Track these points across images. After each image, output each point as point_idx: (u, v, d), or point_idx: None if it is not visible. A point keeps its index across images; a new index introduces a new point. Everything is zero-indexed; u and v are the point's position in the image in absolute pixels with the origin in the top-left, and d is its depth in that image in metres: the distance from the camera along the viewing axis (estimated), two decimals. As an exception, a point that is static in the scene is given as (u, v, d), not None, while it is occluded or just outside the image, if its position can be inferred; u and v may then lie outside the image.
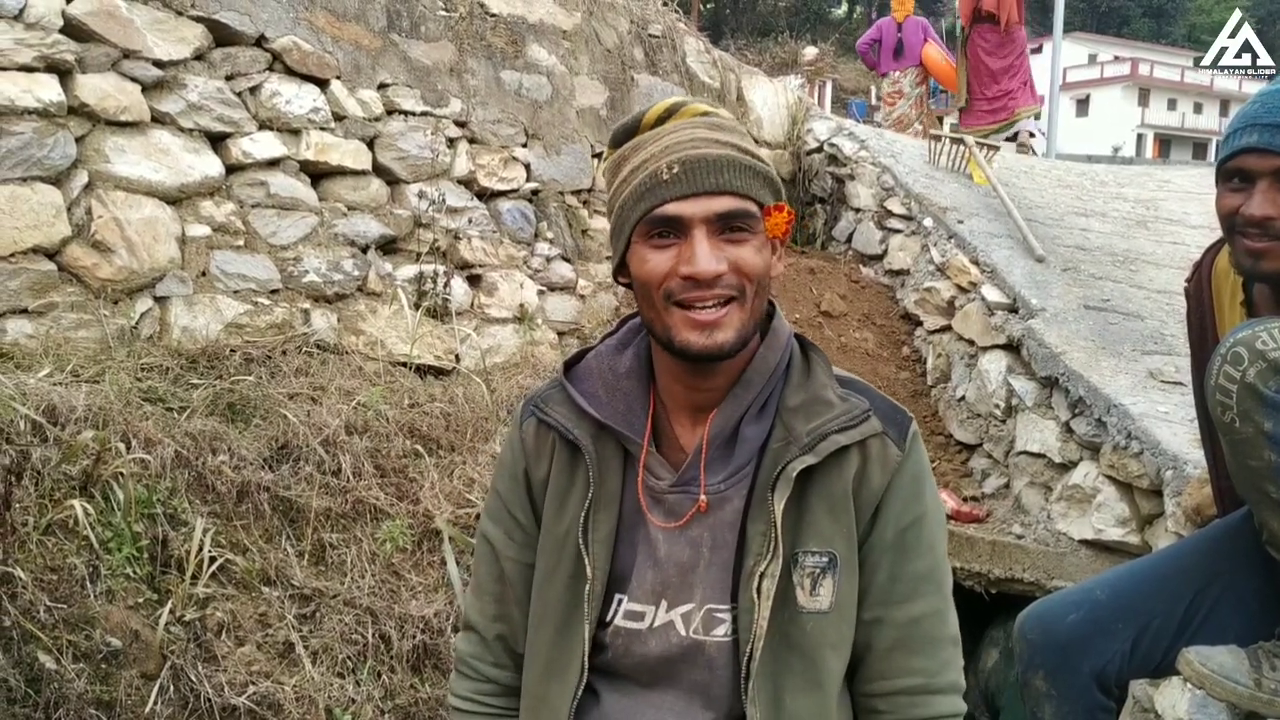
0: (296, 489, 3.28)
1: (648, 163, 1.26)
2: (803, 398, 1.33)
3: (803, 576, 1.29)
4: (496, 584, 1.46)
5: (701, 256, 1.21)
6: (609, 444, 1.35)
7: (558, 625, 1.36)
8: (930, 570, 1.34)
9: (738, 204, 1.24)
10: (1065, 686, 2.12)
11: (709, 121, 1.29)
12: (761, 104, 7.38)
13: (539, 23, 5.38)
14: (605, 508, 1.34)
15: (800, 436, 1.29)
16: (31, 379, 3.09)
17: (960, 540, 4.31)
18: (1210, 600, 2.05)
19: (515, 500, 1.43)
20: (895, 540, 1.32)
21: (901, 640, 1.33)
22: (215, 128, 3.97)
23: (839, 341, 5.56)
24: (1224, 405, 1.75)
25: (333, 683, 2.90)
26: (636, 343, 1.41)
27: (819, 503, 1.30)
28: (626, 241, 1.28)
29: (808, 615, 1.29)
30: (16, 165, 3.38)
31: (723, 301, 1.24)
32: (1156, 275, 5.50)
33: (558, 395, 1.40)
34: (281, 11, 4.20)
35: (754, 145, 1.31)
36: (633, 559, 1.35)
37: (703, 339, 1.23)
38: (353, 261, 4.35)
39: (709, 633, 1.32)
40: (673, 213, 1.23)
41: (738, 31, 29.25)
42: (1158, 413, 3.79)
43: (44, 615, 2.52)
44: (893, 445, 1.33)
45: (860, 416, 1.31)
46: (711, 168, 1.23)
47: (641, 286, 1.28)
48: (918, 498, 1.34)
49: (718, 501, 1.32)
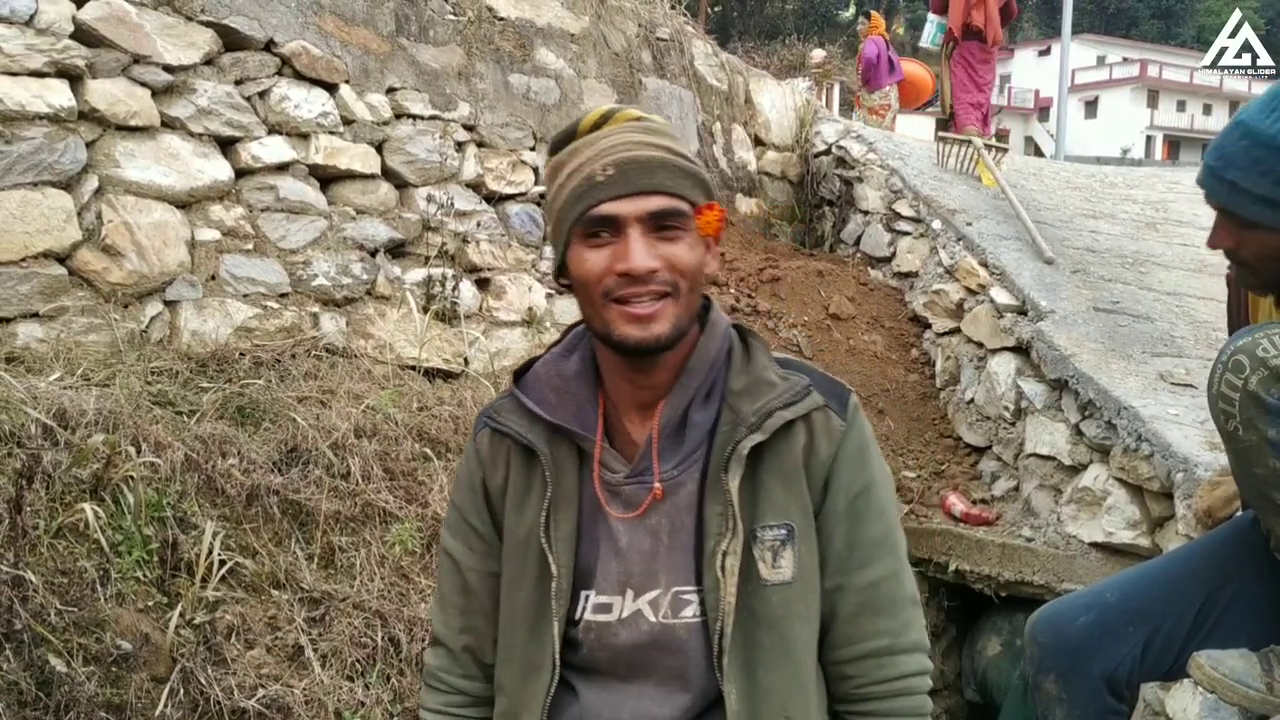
0: (306, 492, 3.29)
1: (583, 166, 1.30)
2: (746, 381, 1.38)
3: (763, 550, 1.33)
4: (460, 596, 1.48)
5: (636, 253, 1.26)
6: (563, 445, 1.39)
7: (529, 627, 1.39)
8: (884, 535, 1.39)
9: (669, 203, 1.29)
10: (1076, 689, 2.11)
11: (642, 126, 1.34)
12: (769, 106, 7.38)
13: (547, 26, 5.39)
14: (564, 506, 1.38)
15: (747, 417, 1.34)
16: (42, 383, 3.10)
17: (970, 543, 4.31)
18: (1222, 603, 2.04)
19: (473, 511, 1.46)
20: (848, 508, 1.37)
21: (864, 604, 1.37)
22: (225, 132, 3.99)
23: (847, 344, 5.55)
24: (1227, 413, 1.74)
25: (342, 686, 2.90)
26: (582, 347, 1.45)
27: (772, 478, 1.35)
28: (565, 243, 1.33)
29: (772, 587, 1.33)
30: (28, 170, 3.39)
31: (657, 296, 1.28)
32: (1166, 277, 5.48)
33: (509, 404, 1.43)
34: (290, 16, 4.21)
35: (685, 148, 1.36)
36: (596, 554, 1.38)
37: (639, 332, 1.28)
38: (361, 265, 4.36)
39: (678, 615, 1.35)
40: (608, 212, 1.27)
41: (745, 34, 29.22)
42: (1168, 415, 3.77)
43: (55, 618, 2.53)
44: (835, 417, 1.37)
45: (802, 392, 1.36)
46: (644, 169, 1.28)
47: (581, 286, 1.32)
48: (864, 466, 1.38)
49: (673, 487, 1.36)
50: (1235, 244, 1.80)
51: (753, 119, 7.25)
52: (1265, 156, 1.65)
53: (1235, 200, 1.73)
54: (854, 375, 5.32)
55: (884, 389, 5.33)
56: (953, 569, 4.34)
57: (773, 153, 7.36)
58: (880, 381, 5.38)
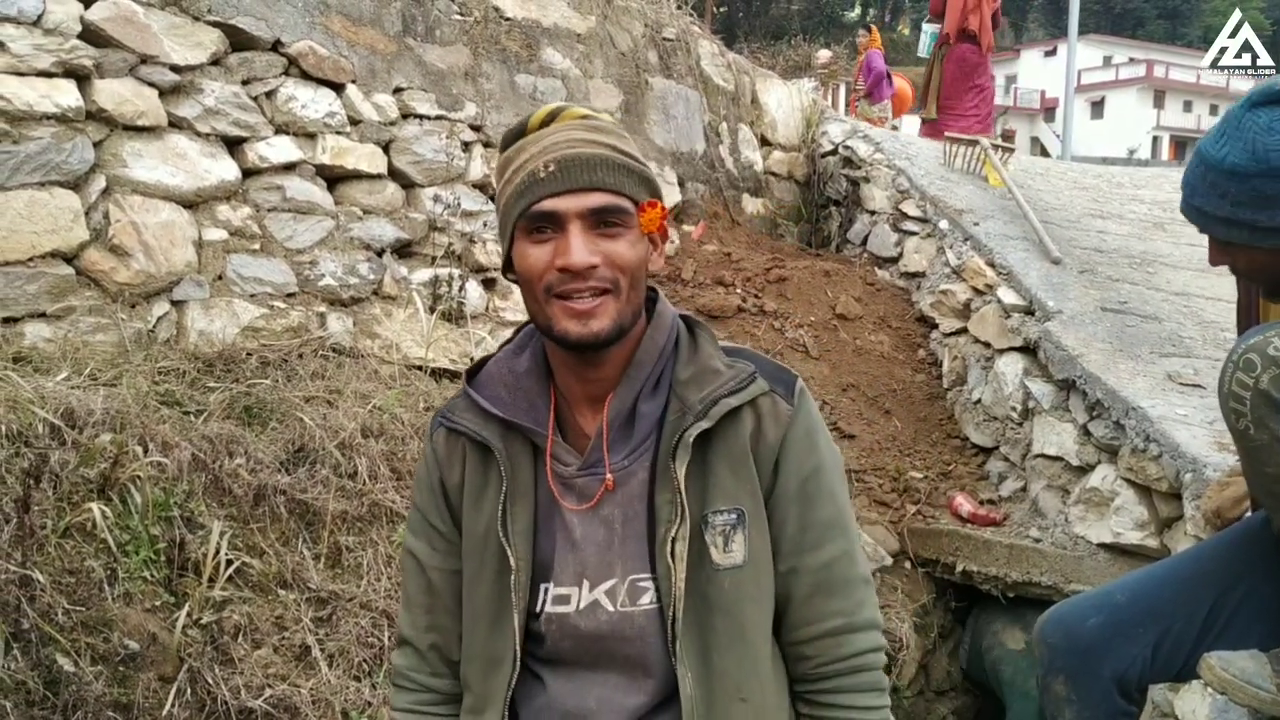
0: (313, 492, 3.28)
1: (528, 163, 1.32)
2: (692, 370, 1.39)
3: (715, 535, 1.35)
4: (425, 595, 1.50)
5: (575, 249, 1.28)
6: (517, 440, 1.41)
7: (490, 621, 1.41)
8: (835, 516, 1.40)
9: (610, 200, 1.31)
10: (1086, 690, 2.10)
11: (587, 124, 1.36)
12: (776, 106, 7.37)
13: (553, 26, 5.39)
14: (520, 500, 1.40)
15: (694, 405, 1.36)
16: (50, 382, 3.10)
17: (977, 544, 4.30)
18: (1232, 604, 2.04)
19: (433, 510, 1.48)
20: (798, 491, 1.38)
21: (818, 585, 1.39)
22: (232, 132, 3.99)
23: (854, 344, 5.54)
24: (1237, 412, 1.74)
25: (349, 685, 2.90)
26: (533, 344, 1.47)
27: (720, 463, 1.37)
28: (510, 238, 1.35)
29: (724, 572, 1.35)
30: (35, 170, 3.39)
31: (597, 293, 1.30)
32: (1174, 277, 5.47)
33: (463, 403, 1.45)
34: (297, 16, 4.21)
35: (631, 146, 1.38)
36: (553, 546, 1.40)
37: (579, 327, 1.30)
38: (368, 265, 4.36)
39: (635, 603, 1.37)
40: (549, 208, 1.29)
41: (751, 34, 29.26)
42: (1176, 415, 3.76)
43: (62, 618, 2.53)
44: (782, 401, 1.39)
45: (747, 379, 1.38)
46: (585, 165, 1.30)
47: (525, 281, 1.34)
48: (813, 449, 1.40)
49: (624, 477, 1.38)
50: (1226, 261, 1.90)
51: (759, 119, 7.24)
52: (1219, 180, 1.76)
53: (1206, 224, 1.85)
54: (861, 375, 5.31)
55: (891, 389, 5.32)
56: (960, 570, 4.33)
57: (779, 153, 7.35)
58: (887, 381, 5.37)
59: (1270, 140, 1.69)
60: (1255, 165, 1.70)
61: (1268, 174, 1.69)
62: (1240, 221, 1.76)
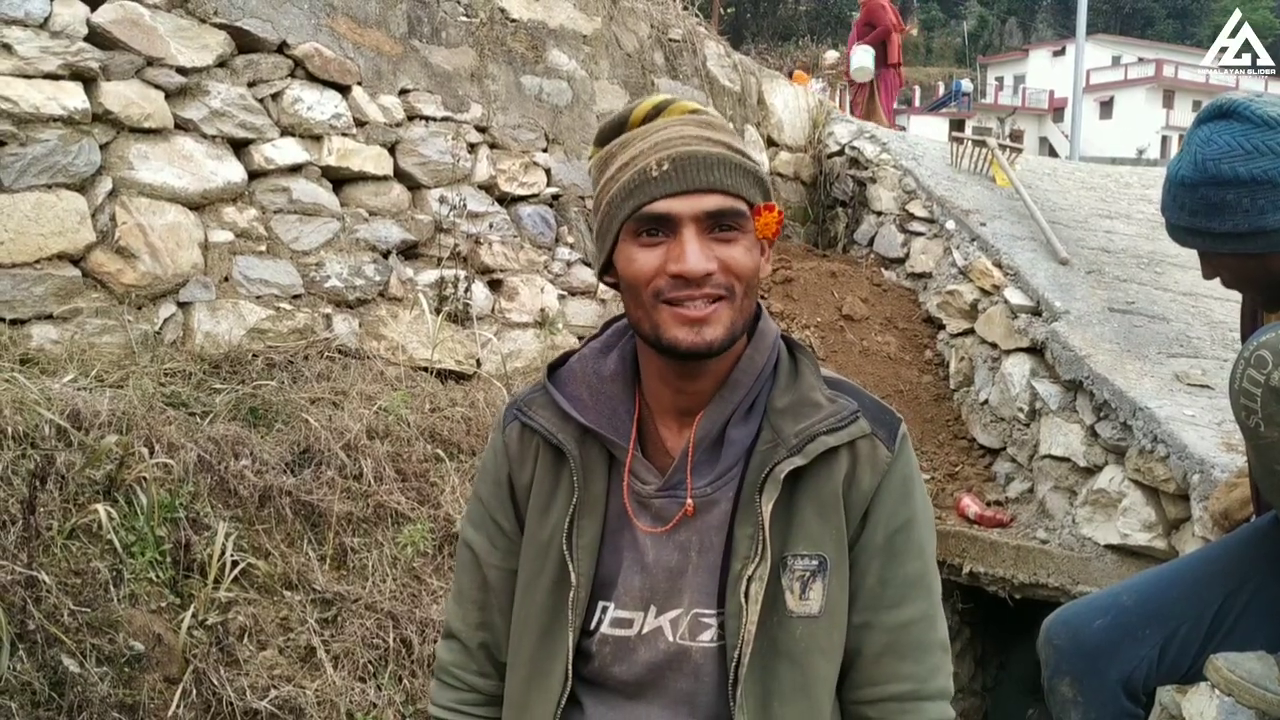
0: (318, 493, 3.29)
1: (636, 159, 1.24)
2: (790, 399, 1.31)
3: (792, 580, 1.27)
4: (479, 591, 1.43)
5: (691, 255, 1.20)
6: (593, 448, 1.33)
7: (540, 632, 1.34)
8: (920, 574, 1.32)
9: (728, 202, 1.22)
10: (1092, 693, 2.09)
11: (699, 119, 1.28)
12: (782, 107, 7.37)
13: (559, 28, 5.39)
14: (590, 513, 1.32)
15: (788, 438, 1.27)
16: (56, 384, 3.11)
17: (984, 545, 4.28)
18: (1239, 606, 2.03)
19: (498, 506, 1.41)
20: (885, 544, 1.30)
21: (891, 645, 1.30)
22: (238, 134, 4.00)
23: (861, 345, 5.53)
24: (1248, 409, 1.73)
25: (354, 687, 2.90)
26: (621, 345, 1.39)
27: (808, 505, 1.28)
28: (614, 240, 1.26)
29: (797, 620, 1.27)
30: (42, 172, 3.40)
31: (712, 300, 1.22)
32: (1182, 278, 5.45)
33: (541, 399, 1.37)
34: (303, 18, 4.22)
35: (744, 145, 1.29)
36: (618, 565, 1.32)
37: (691, 335, 1.22)
38: (374, 266, 4.37)
39: (695, 638, 1.30)
40: (662, 210, 1.21)
41: (758, 35, 29.24)
42: (1184, 416, 3.75)
43: (68, 619, 2.54)
44: (882, 446, 1.30)
45: (849, 417, 1.29)
46: (702, 165, 1.21)
47: (629, 285, 1.26)
48: (907, 500, 1.31)
49: (705, 505, 1.30)
50: (1212, 274, 1.97)
51: (765, 120, 7.23)
52: (1178, 193, 1.86)
53: (1176, 236, 1.94)
54: (867, 376, 5.30)
55: (897, 390, 5.31)
56: (967, 571, 4.32)
57: (785, 153, 7.34)
58: (894, 383, 5.36)
59: (1208, 151, 1.79)
60: (1198, 175, 1.80)
61: (1210, 182, 1.79)
62: (1198, 230, 1.85)
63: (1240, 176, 1.76)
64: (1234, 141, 1.77)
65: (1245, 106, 1.78)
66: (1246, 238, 1.79)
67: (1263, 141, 1.75)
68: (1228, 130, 1.79)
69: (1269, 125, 1.75)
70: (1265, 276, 1.87)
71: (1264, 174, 1.74)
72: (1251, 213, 1.76)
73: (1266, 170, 1.74)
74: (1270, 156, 1.74)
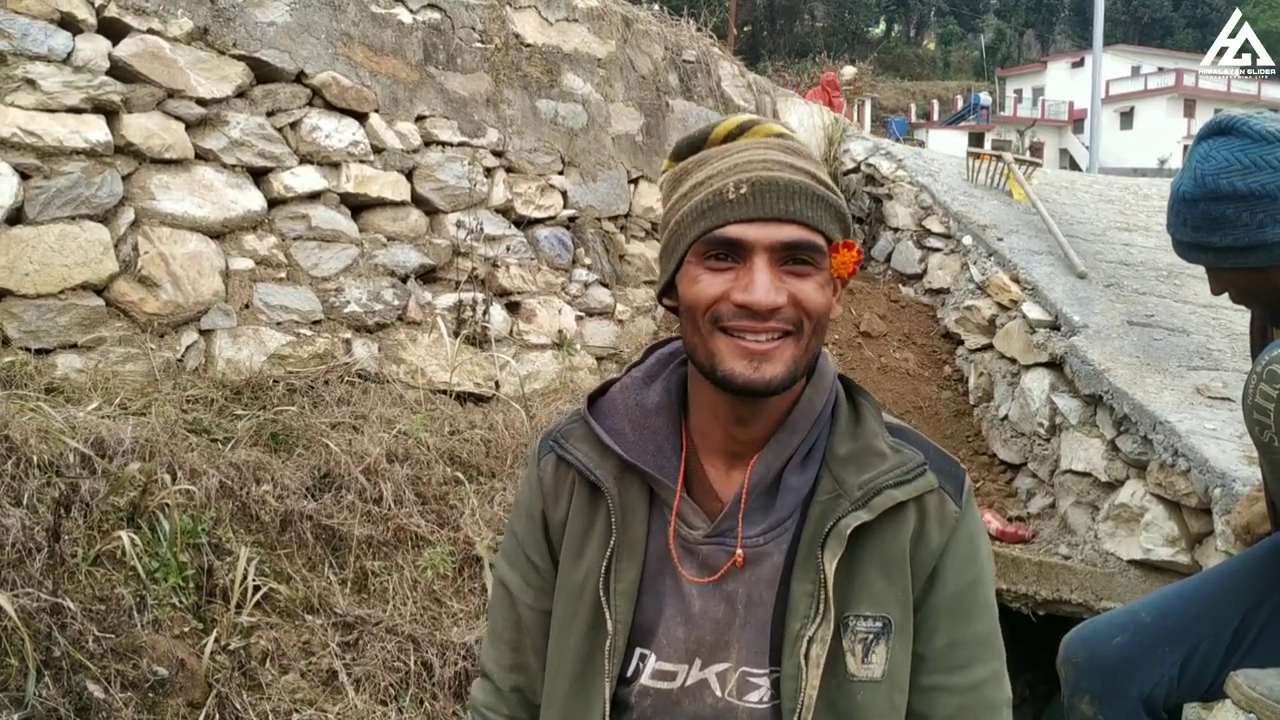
0: (339, 517, 3.32)
1: (712, 179, 1.16)
2: (852, 447, 1.22)
3: (854, 642, 1.18)
4: (513, 631, 1.35)
5: (760, 286, 1.11)
6: (634, 486, 1.24)
7: (574, 679, 1.25)
8: (988, 633, 1.25)
9: (806, 235, 1.14)
10: (1113, 711, 2.08)
11: (784, 144, 1.20)
12: (797, 125, 7.38)
13: (574, 52, 5.43)
14: (629, 556, 1.23)
15: (851, 489, 1.18)
16: (80, 412, 3.16)
17: (1006, 561, 4.26)
18: (1260, 621, 2.01)
19: (532, 543, 1.33)
20: (953, 603, 1.22)
21: (963, 708, 1.23)
22: (257, 163, 4.05)
23: (879, 362, 5.53)
24: (1261, 424, 1.72)
25: (375, 710, 2.91)
26: (666, 375, 1.30)
27: (872, 563, 1.19)
28: (679, 260, 1.18)
29: (859, 684, 1.18)
30: (65, 204, 3.46)
31: (777, 335, 1.13)
32: (1202, 290, 5.39)
33: (580, 430, 1.29)
34: (320, 48, 4.28)
35: (827, 175, 1.21)
36: (658, 613, 1.23)
37: (749, 370, 1.13)
38: (393, 291, 4.41)
39: (742, 697, 1.21)
40: (735, 235, 1.13)
41: (775, 53, 29.33)
42: (1205, 429, 3.72)
43: (92, 645, 2.56)
44: (950, 501, 1.22)
45: (916, 470, 1.20)
46: (782, 193, 1.13)
47: (688, 308, 1.17)
48: (974, 557, 1.24)
49: (756, 556, 1.20)
50: (1219, 289, 1.99)
51: (781, 138, 7.25)
52: (1181, 209, 1.88)
53: (1182, 252, 1.96)
54: (886, 393, 5.29)
55: (917, 406, 5.29)
56: (989, 588, 4.29)
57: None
58: (913, 399, 5.34)
59: (1207, 166, 1.82)
60: (1198, 190, 1.82)
61: (1209, 197, 1.81)
62: (1201, 245, 1.87)
63: (1239, 191, 1.77)
64: (1232, 156, 1.79)
65: (1244, 122, 1.80)
66: (1248, 252, 1.81)
67: (1261, 156, 1.76)
68: (1226, 146, 1.81)
69: (1267, 140, 1.77)
70: (1269, 291, 1.87)
71: (1262, 188, 1.76)
72: (1251, 226, 1.78)
73: (1265, 184, 1.76)
74: (1268, 171, 1.76)
